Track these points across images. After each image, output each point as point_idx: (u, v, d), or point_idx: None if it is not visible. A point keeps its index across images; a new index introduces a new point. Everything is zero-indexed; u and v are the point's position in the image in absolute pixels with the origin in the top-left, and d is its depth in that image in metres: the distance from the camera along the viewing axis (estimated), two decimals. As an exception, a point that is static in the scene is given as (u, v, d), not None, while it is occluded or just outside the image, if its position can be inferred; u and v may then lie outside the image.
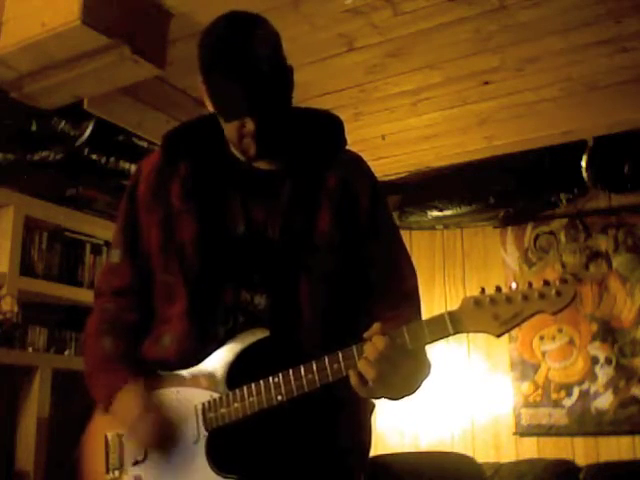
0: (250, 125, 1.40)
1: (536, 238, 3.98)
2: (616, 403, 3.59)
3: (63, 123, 2.95)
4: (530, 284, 1.24)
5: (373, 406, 1.54)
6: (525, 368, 3.87)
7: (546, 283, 1.23)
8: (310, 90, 3.03)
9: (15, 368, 3.11)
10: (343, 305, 1.47)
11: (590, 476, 3.26)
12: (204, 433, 1.39)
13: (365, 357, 1.27)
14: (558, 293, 1.21)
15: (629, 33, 2.66)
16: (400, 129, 3.52)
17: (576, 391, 3.71)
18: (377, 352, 1.26)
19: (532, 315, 1.23)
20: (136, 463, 1.44)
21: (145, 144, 3.25)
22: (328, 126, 1.60)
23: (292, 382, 1.33)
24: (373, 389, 1.29)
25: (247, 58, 1.37)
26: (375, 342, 1.27)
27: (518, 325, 1.24)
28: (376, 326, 1.29)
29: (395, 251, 1.55)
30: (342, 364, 1.30)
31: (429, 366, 1.41)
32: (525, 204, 3.85)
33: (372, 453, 1.68)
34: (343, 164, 1.54)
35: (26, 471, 3.01)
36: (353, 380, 1.28)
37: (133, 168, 3.26)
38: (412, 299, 1.52)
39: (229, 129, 1.45)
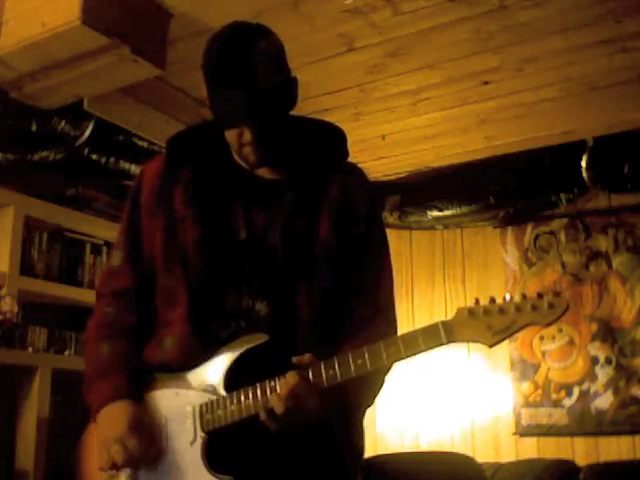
0: (247, 135, 1.43)
1: (536, 238, 3.98)
2: (616, 403, 3.59)
3: (63, 123, 2.95)
4: (524, 296, 1.27)
5: (364, 411, 1.55)
6: (525, 368, 3.87)
7: (539, 295, 1.26)
8: (310, 90, 3.03)
9: (15, 368, 3.10)
10: (337, 312, 1.50)
11: (590, 476, 3.26)
12: (201, 434, 1.41)
13: (276, 392, 1.32)
14: (550, 305, 1.24)
15: (629, 33, 2.67)
16: (400, 129, 3.52)
17: (576, 391, 3.71)
18: (287, 388, 1.30)
19: (525, 326, 1.26)
20: None
21: (145, 144, 3.25)
22: (330, 137, 1.62)
23: None
24: (281, 424, 1.32)
25: (246, 71, 1.39)
26: (288, 378, 1.32)
27: (511, 336, 1.28)
28: (307, 357, 1.34)
29: (380, 264, 1.58)
30: (337, 371, 1.33)
31: (365, 403, 1.48)
32: (525, 204, 3.85)
33: (372, 453, 1.70)
34: (344, 175, 1.58)
35: (26, 471, 3.01)
36: (262, 415, 1.33)
37: (133, 168, 3.26)
38: (385, 311, 1.55)
39: (229, 137, 1.48)
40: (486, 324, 1.27)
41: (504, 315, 1.26)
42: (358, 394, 1.43)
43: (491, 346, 1.27)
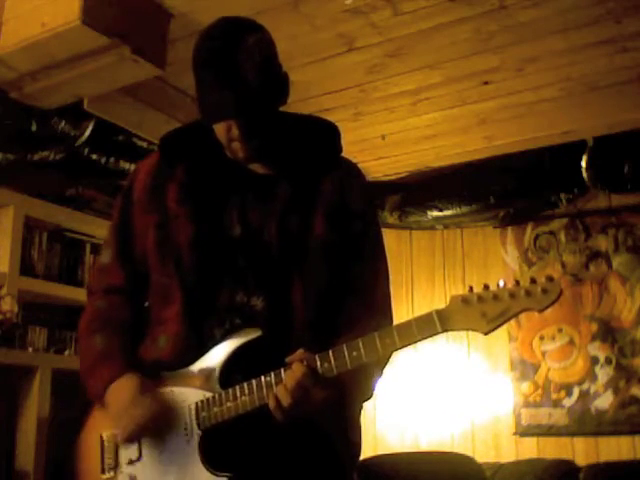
0: (235, 130, 1.43)
1: (536, 238, 3.98)
2: (616, 403, 3.59)
3: (63, 123, 2.95)
4: (517, 282, 1.26)
5: (361, 406, 1.56)
6: (525, 368, 3.87)
7: (533, 281, 1.25)
8: (310, 90, 3.03)
9: (15, 368, 3.10)
10: (333, 308, 1.50)
11: (590, 476, 3.26)
12: (197, 432, 1.41)
13: (284, 384, 1.32)
14: (544, 291, 1.24)
15: (629, 33, 2.66)
16: (400, 129, 3.52)
17: (576, 391, 3.71)
18: (295, 380, 1.30)
19: (519, 312, 1.26)
20: (131, 462, 1.45)
21: (145, 144, 3.25)
22: (324, 133, 1.62)
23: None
24: (288, 415, 1.33)
25: (232, 68, 1.39)
26: (294, 369, 1.32)
27: (505, 322, 1.27)
28: (299, 352, 1.34)
29: (375, 261, 1.58)
30: (332, 364, 1.33)
31: (363, 395, 1.47)
32: (525, 204, 3.85)
33: (372, 453, 1.70)
34: (338, 171, 1.57)
35: (26, 471, 3.01)
36: (271, 403, 1.33)
37: (133, 168, 3.25)
38: (382, 309, 1.56)
39: (218, 133, 1.47)
40: (480, 311, 1.26)
41: (498, 302, 1.26)
42: (354, 386, 1.43)
43: (486, 333, 1.27)
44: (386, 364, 1.49)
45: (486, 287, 1.28)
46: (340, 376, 1.34)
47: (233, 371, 1.41)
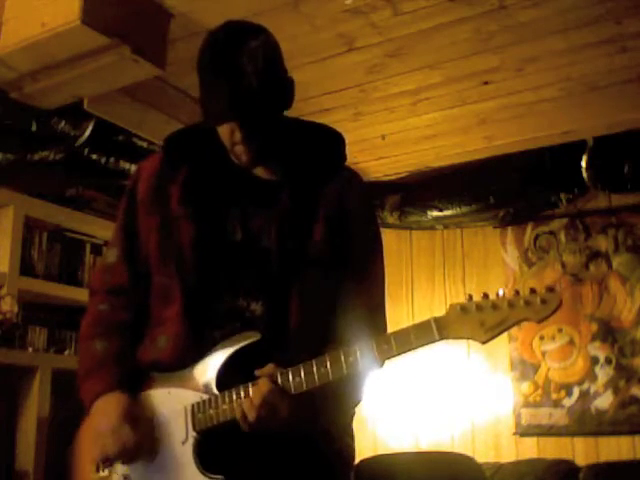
0: (238, 133, 1.43)
1: (536, 238, 3.98)
2: (616, 403, 3.59)
3: (63, 123, 2.95)
4: (517, 292, 1.27)
5: (354, 412, 1.57)
6: (525, 368, 3.87)
7: (532, 291, 1.25)
8: (310, 90, 3.03)
9: (15, 368, 3.11)
10: (330, 312, 1.50)
11: (590, 476, 3.26)
12: (192, 434, 1.41)
13: (249, 399, 1.33)
14: (543, 301, 1.24)
15: (629, 33, 2.66)
16: (400, 129, 3.52)
17: (576, 391, 3.71)
18: (261, 396, 1.32)
19: (517, 322, 1.26)
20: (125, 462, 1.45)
21: (145, 144, 3.25)
22: (329, 141, 1.62)
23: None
24: (254, 428, 1.34)
25: (234, 69, 1.39)
26: (260, 385, 1.33)
27: (503, 332, 1.27)
28: (269, 367, 1.35)
29: (373, 262, 1.58)
30: (329, 369, 1.33)
31: (349, 401, 1.47)
32: (525, 204, 3.85)
33: (372, 453, 1.70)
34: (341, 180, 1.58)
35: (26, 471, 3.01)
36: (237, 414, 1.34)
37: (133, 168, 3.26)
38: (379, 309, 1.56)
39: (222, 136, 1.47)
40: (479, 320, 1.27)
41: (497, 311, 1.26)
42: (337, 394, 1.42)
43: (484, 343, 1.27)
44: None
45: (485, 296, 1.28)
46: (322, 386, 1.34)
47: (231, 374, 1.41)
